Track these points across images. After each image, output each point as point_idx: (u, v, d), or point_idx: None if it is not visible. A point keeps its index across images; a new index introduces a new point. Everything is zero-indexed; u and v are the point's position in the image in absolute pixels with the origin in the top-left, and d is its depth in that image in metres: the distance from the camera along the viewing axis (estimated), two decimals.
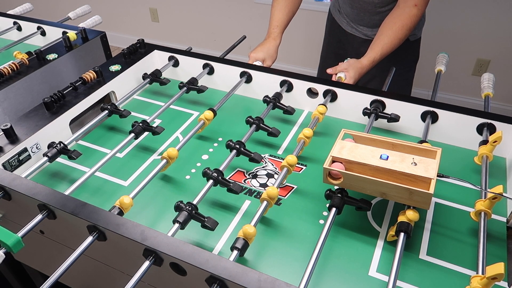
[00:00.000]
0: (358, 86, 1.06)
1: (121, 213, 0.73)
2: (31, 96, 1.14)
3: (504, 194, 0.71)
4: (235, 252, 0.66)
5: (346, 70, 1.15)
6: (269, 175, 0.90)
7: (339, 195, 0.74)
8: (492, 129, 0.90)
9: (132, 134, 0.94)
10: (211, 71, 1.18)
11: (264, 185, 0.88)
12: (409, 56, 1.47)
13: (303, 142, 0.90)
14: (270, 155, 0.96)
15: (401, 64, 1.40)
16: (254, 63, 1.26)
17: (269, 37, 1.32)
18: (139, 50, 1.23)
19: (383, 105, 0.99)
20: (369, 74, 1.26)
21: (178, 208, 0.73)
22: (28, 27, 1.42)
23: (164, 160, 0.85)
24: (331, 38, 1.59)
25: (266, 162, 0.94)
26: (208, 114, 0.98)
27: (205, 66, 1.18)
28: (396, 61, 1.29)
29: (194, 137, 0.97)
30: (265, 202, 0.74)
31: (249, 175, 0.91)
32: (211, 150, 0.98)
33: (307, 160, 0.94)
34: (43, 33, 1.41)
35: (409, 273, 0.69)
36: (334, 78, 1.16)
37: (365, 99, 1.00)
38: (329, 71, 1.18)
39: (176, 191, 0.87)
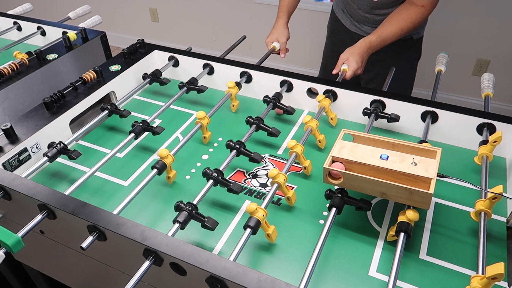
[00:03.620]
0: (358, 86, 1.06)
1: (164, 166, 0.81)
2: (31, 96, 1.14)
3: (504, 194, 0.71)
4: (248, 230, 0.68)
5: (346, 59, 1.16)
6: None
7: (339, 195, 0.75)
8: (492, 129, 0.90)
9: (132, 134, 0.94)
10: (211, 71, 1.18)
11: (264, 185, 0.88)
12: (411, 54, 1.47)
13: (310, 129, 0.91)
14: (270, 155, 0.96)
15: (404, 62, 1.41)
16: (273, 44, 1.34)
17: (277, 19, 1.40)
18: (139, 50, 1.23)
19: (383, 105, 0.99)
20: (372, 73, 1.27)
21: (178, 208, 0.73)
22: (28, 27, 1.42)
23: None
24: (334, 37, 1.60)
25: (266, 162, 0.94)
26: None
27: (205, 66, 1.18)
28: (399, 59, 1.30)
29: (195, 136, 0.97)
30: (275, 185, 0.76)
31: (249, 175, 0.91)
32: (211, 150, 0.98)
33: (307, 160, 0.94)
34: (43, 33, 1.41)
35: (409, 273, 0.69)
36: (340, 75, 1.17)
37: (365, 99, 1.00)
38: (334, 72, 1.20)
39: (176, 191, 0.87)
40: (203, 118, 0.96)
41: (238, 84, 1.08)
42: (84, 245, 0.64)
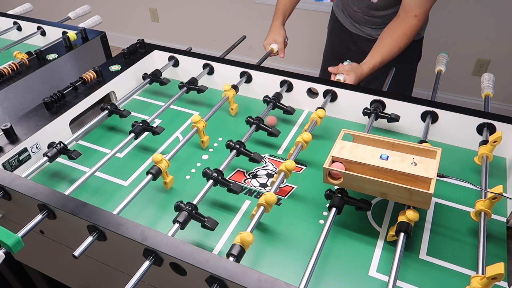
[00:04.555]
0: (358, 86, 1.06)
1: (159, 171, 0.79)
2: (31, 96, 1.14)
3: (504, 194, 0.71)
4: (231, 259, 0.65)
5: (348, 73, 1.15)
6: (269, 175, 0.90)
7: (339, 195, 0.74)
8: (492, 129, 0.90)
9: (132, 134, 0.94)
10: (211, 71, 1.18)
11: (264, 185, 0.88)
12: (411, 55, 1.47)
13: (301, 146, 0.89)
14: (270, 155, 0.96)
15: (404, 63, 1.41)
16: (270, 46, 1.34)
17: (272, 21, 1.41)
18: (139, 50, 1.23)
19: (383, 105, 0.99)
20: (372, 74, 1.26)
21: (178, 208, 0.73)
22: (28, 27, 1.42)
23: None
24: (334, 37, 1.60)
25: (266, 162, 0.94)
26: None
27: (205, 66, 1.18)
28: (399, 60, 1.30)
29: (194, 137, 0.97)
30: (262, 208, 0.73)
31: (249, 175, 0.91)
32: (211, 150, 0.98)
33: (307, 160, 0.94)
34: (43, 33, 1.41)
35: (409, 273, 0.69)
36: (333, 78, 1.16)
37: (365, 99, 1.00)
38: (330, 69, 1.19)
39: (176, 191, 0.87)
40: (198, 121, 0.94)
41: (234, 87, 1.07)
42: (76, 253, 0.63)
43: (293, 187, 0.87)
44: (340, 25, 1.52)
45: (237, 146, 0.88)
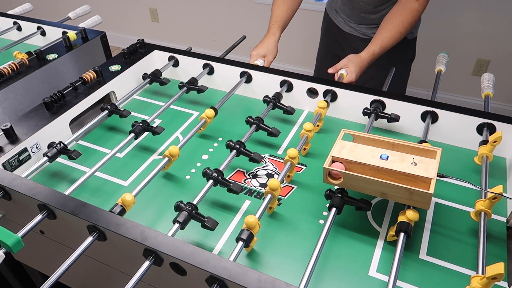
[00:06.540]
0: (358, 86, 1.06)
1: (123, 211, 0.73)
2: (31, 96, 1.14)
3: (504, 194, 0.71)
4: (240, 243, 0.67)
5: (347, 66, 1.15)
6: (269, 175, 0.90)
7: (339, 195, 0.74)
8: (492, 129, 0.90)
9: (132, 134, 0.94)
10: (211, 71, 1.18)
11: (264, 185, 0.88)
12: (406, 55, 1.47)
13: (306, 137, 0.89)
14: (270, 155, 0.96)
15: (399, 63, 1.41)
16: (256, 61, 1.24)
17: (268, 33, 1.31)
18: (139, 50, 1.23)
19: (383, 105, 0.99)
20: (367, 74, 1.26)
21: (178, 208, 0.73)
22: (28, 27, 1.42)
23: (166, 159, 0.85)
24: (328, 38, 1.59)
25: (266, 162, 0.94)
26: (210, 112, 0.98)
27: (205, 66, 1.18)
28: (395, 59, 1.29)
29: (194, 136, 0.97)
30: (269, 195, 0.75)
31: (249, 175, 0.91)
32: (211, 150, 0.98)
33: (307, 160, 0.94)
34: (43, 33, 1.41)
35: (409, 273, 0.69)
36: (336, 77, 1.16)
37: (365, 99, 1.00)
38: (330, 70, 1.18)
39: (176, 191, 0.87)
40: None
41: (214, 109, 1.01)
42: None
43: (293, 187, 0.87)
44: (334, 25, 1.51)
45: (237, 146, 0.88)
